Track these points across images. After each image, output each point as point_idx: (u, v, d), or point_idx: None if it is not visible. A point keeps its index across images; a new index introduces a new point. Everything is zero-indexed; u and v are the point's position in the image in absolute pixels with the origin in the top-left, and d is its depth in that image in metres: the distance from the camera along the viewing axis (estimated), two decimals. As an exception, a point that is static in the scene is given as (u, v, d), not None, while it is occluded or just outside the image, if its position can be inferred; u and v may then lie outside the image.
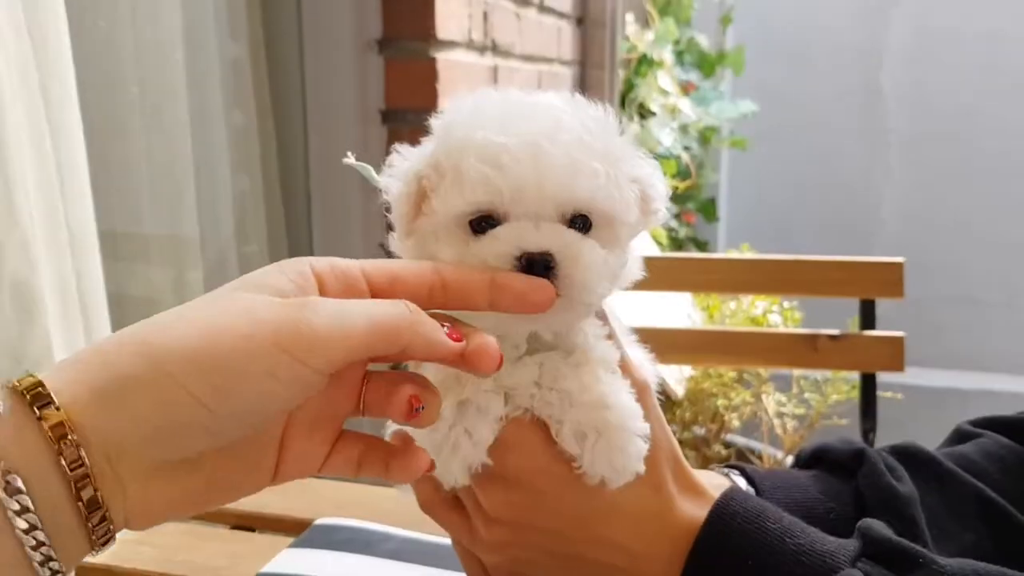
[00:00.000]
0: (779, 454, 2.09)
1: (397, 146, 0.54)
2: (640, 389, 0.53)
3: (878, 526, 0.54)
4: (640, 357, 0.58)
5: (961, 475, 0.64)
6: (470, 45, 1.65)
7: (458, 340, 0.42)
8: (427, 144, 0.53)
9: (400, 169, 0.53)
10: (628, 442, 0.50)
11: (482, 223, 0.49)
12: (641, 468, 0.50)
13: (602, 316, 0.54)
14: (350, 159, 0.56)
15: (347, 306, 0.39)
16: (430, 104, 1.52)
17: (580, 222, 0.49)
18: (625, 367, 0.53)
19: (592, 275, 0.48)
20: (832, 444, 0.67)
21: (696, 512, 0.54)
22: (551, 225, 0.48)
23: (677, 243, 2.71)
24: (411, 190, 0.52)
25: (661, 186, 0.54)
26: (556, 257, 0.47)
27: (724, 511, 0.54)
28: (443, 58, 1.54)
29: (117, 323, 1.19)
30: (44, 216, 1.05)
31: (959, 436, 0.73)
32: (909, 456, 0.65)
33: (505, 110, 0.51)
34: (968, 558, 0.58)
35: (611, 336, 0.54)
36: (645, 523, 0.53)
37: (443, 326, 0.42)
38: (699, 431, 2.07)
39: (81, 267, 1.12)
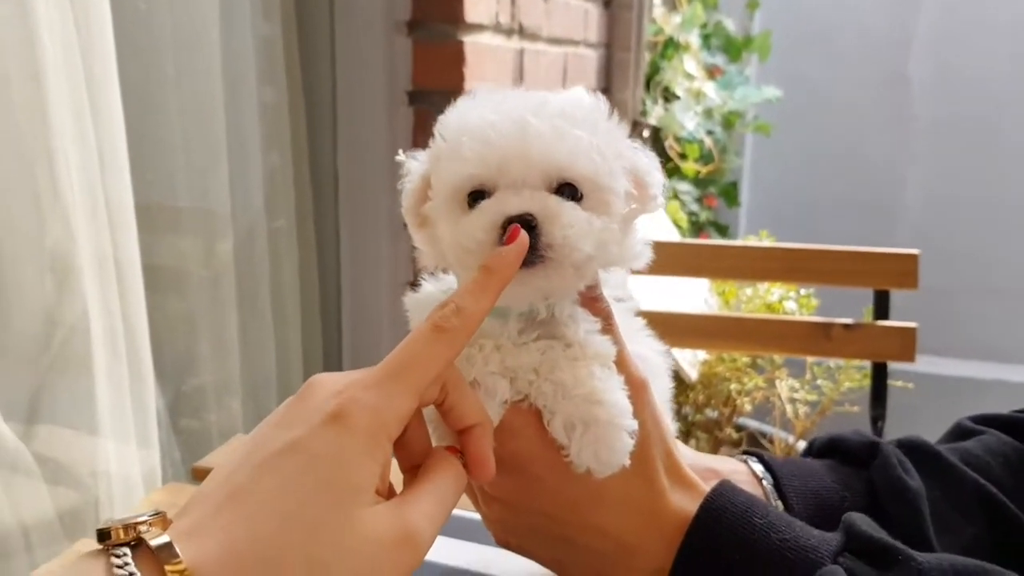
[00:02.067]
0: (790, 438, 2.12)
1: (407, 153, 0.58)
2: (636, 386, 0.54)
3: (861, 521, 0.55)
4: (650, 350, 0.61)
5: (964, 470, 0.65)
6: (497, 28, 1.67)
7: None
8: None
9: (411, 169, 0.57)
10: (614, 438, 0.51)
11: (476, 200, 0.52)
12: (626, 462, 0.51)
13: (606, 314, 0.56)
14: (402, 156, 0.59)
15: (438, 516, 0.46)
16: (456, 86, 1.54)
17: (568, 192, 0.52)
18: (622, 363, 0.54)
19: (573, 233, 0.50)
20: (846, 436, 0.69)
21: (687, 505, 0.56)
22: (533, 192, 0.51)
23: (698, 226, 2.72)
24: (416, 186, 0.56)
25: (658, 175, 0.57)
26: (537, 217, 0.50)
27: (713, 506, 0.55)
28: (470, 41, 1.56)
29: (151, 292, 1.23)
30: (84, 191, 1.09)
31: (960, 432, 0.74)
32: (915, 450, 0.67)
33: (497, 98, 0.55)
34: (969, 550, 0.60)
35: (609, 330, 0.55)
36: (635, 514, 0.55)
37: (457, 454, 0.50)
38: (712, 413, 2.09)
39: (118, 239, 1.15)
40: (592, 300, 0.56)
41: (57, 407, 1.12)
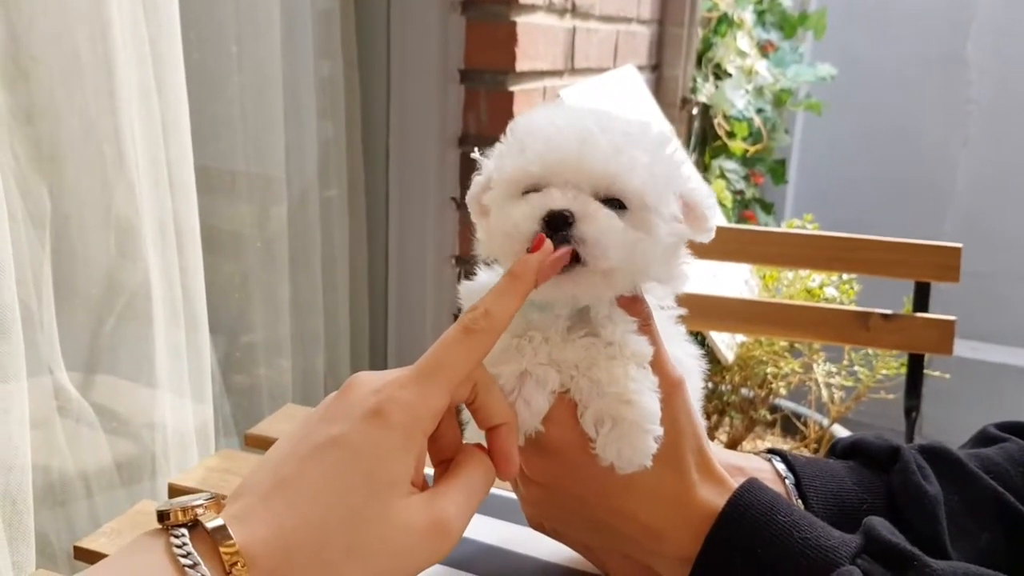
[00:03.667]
0: (825, 421, 2.13)
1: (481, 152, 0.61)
2: (672, 384, 0.57)
3: (881, 526, 0.57)
4: (686, 354, 0.63)
5: (982, 478, 0.66)
6: (550, 8, 1.68)
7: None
8: None
9: (483, 164, 0.61)
10: (638, 438, 0.54)
11: (530, 195, 0.56)
12: (647, 463, 0.54)
13: (645, 315, 0.58)
14: (476, 154, 0.63)
15: (468, 507, 0.50)
16: (507, 66, 1.56)
17: (614, 205, 0.55)
18: (659, 362, 0.57)
19: (607, 238, 0.53)
20: (869, 439, 0.70)
21: (715, 499, 0.58)
22: (579, 194, 0.54)
23: (743, 203, 2.71)
24: (483, 179, 0.60)
25: (714, 207, 0.59)
26: (576, 215, 0.53)
27: (740, 502, 0.57)
28: (523, 21, 1.57)
29: (208, 254, 1.28)
30: (148, 162, 1.14)
31: (985, 439, 0.74)
32: (936, 456, 0.68)
33: (570, 109, 0.58)
34: (983, 555, 0.62)
35: (647, 331, 0.58)
36: (665, 503, 0.58)
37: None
38: (747, 393, 2.10)
39: (179, 208, 1.20)
40: (631, 301, 0.58)
41: (118, 362, 1.18)
